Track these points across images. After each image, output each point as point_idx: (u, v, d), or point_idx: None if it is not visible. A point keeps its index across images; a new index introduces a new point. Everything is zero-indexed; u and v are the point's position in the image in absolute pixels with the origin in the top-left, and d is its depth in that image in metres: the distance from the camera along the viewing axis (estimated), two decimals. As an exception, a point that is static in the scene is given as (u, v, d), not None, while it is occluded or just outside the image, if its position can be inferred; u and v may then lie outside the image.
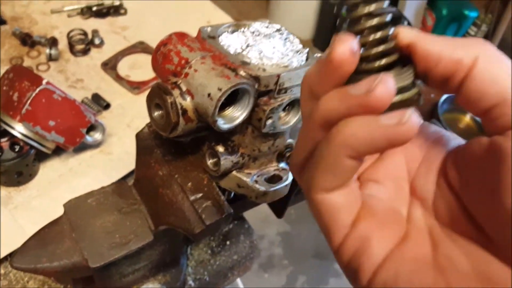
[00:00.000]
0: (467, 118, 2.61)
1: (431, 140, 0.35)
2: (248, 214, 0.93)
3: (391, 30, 0.31)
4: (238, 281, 0.97)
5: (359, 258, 0.31)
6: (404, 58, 0.31)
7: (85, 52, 1.15)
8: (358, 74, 0.29)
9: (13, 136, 0.83)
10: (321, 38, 3.02)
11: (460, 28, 2.97)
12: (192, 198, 0.59)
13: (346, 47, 0.28)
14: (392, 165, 0.36)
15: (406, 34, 0.30)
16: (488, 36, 2.92)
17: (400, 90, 0.29)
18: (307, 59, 0.56)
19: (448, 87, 0.29)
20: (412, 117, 0.26)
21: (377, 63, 0.30)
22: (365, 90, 0.27)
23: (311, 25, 3.08)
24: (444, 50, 0.28)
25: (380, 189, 0.35)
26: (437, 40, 0.29)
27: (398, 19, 0.31)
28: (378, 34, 0.30)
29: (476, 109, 0.29)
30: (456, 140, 0.35)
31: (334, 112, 0.28)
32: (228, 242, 0.88)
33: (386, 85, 0.27)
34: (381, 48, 0.30)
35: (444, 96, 2.48)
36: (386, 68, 0.30)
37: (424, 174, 0.34)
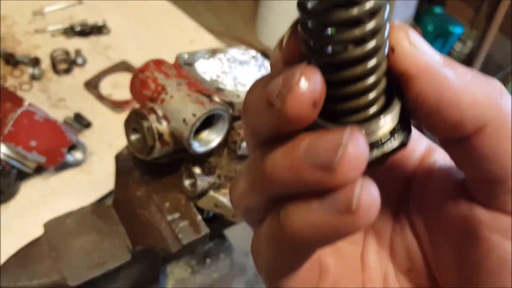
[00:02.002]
0: None
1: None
2: (234, 231, 0.94)
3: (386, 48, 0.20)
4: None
5: None
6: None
7: (67, 71, 1.16)
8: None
9: (-6, 156, 0.84)
10: (305, 55, 3.07)
11: (446, 44, 3.03)
12: (169, 218, 0.61)
13: (307, 97, 0.18)
14: None
15: (410, 54, 0.20)
16: (474, 52, 2.99)
17: (378, 142, 0.20)
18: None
19: (441, 134, 0.22)
20: (365, 197, 0.18)
21: (353, 118, 0.21)
22: (323, 161, 0.18)
23: (296, 41, 3.12)
24: (452, 101, 0.20)
25: None
26: (448, 81, 0.20)
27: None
28: (368, 75, 0.20)
29: (468, 173, 0.23)
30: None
31: (282, 185, 0.20)
32: (208, 260, 0.90)
33: (357, 153, 0.18)
34: (370, 96, 0.20)
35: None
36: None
37: (382, 203, 0.27)
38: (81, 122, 1.04)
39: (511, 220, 0.22)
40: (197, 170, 0.60)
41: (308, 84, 0.18)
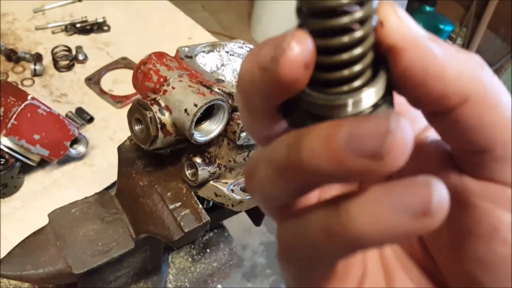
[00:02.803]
0: None
1: None
2: (231, 224, 0.96)
3: (374, 20, 0.20)
4: (219, 287, 1.01)
5: None
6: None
7: (69, 67, 1.18)
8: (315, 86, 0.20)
9: (-2, 150, 0.86)
10: (302, 52, 3.09)
11: (436, 42, 3.06)
12: (171, 207, 0.63)
13: (299, 59, 0.19)
14: None
15: (397, 28, 0.20)
16: (464, 49, 3.02)
17: (361, 114, 0.20)
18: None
19: (426, 107, 0.22)
20: (442, 199, 0.18)
21: (350, 86, 0.20)
22: (373, 148, 0.17)
23: (292, 39, 3.14)
24: (438, 73, 0.20)
25: None
26: (434, 54, 0.20)
27: None
28: (356, 43, 0.20)
29: (455, 145, 0.24)
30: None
31: (321, 176, 0.19)
32: (208, 250, 0.92)
33: (406, 139, 0.17)
34: (356, 68, 0.20)
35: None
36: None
37: None
38: (83, 116, 1.05)
39: (500, 188, 0.22)
40: (198, 160, 0.62)
41: (300, 46, 0.19)
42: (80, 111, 1.07)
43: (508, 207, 0.22)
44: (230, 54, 0.61)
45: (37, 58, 1.15)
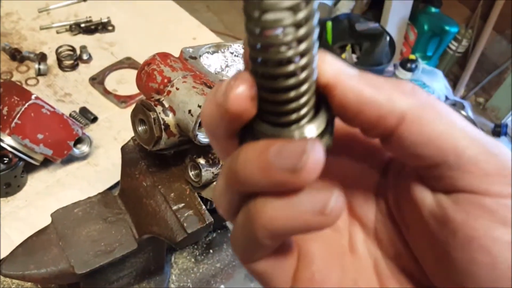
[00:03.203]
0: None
1: (370, 149, 0.30)
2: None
3: (315, 61, 0.23)
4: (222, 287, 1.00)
5: None
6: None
7: (73, 67, 1.18)
8: (264, 115, 0.24)
9: (2, 149, 0.86)
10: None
11: (441, 43, 3.05)
12: (174, 207, 0.63)
13: (244, 93, 0.23)
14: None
15: (327, 70, 0.24)
16: (469, 50, 3.01)
17: None
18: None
19: (373, 133, 0.25)
20: (337, 205, 0.22)
21: (293, 116, 0.24)
22: (292, 165, 0.22)
23: (297, 40, 3.13)
24: (369, 99, 0.23)
25: None
26: (362, 85, 0.24)
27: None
28: (301, 78, 0.23)
29: (412, 164, 0.26)
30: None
31: (252, 184, 0.23)
32: (211, 251, 0.92)
33: (317, 159, 0.22)
34: (303, 100, 0.23)
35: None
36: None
37: (362, 194, 0.31)
38: (87, 116, 1.05)
39: (468, 196, 0.24)
40: (201, 161, 0.62)
41: (244, 84, 0.23)
42: (84, 111, 1.07)
43: (479, 215, 0.23)
44: (235, 55, 0.61)
45: (42, 57, 1.15)
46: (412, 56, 2.76)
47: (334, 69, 0.24)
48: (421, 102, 0.24)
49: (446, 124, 0.24)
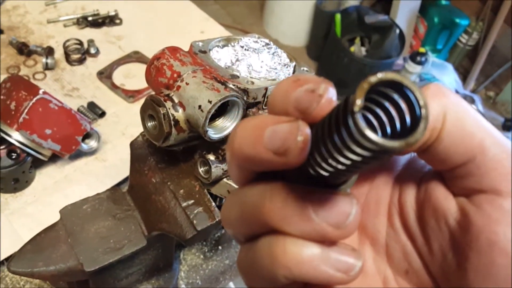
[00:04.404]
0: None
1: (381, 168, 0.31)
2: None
3: None
4: (231, 284, 1.00)
5: None
6: None
7: (80, 61, 1.17)
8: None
9: (10, 144, 0.85)
10: (315, 46, 3.06)
11: (452, 36, 3.01)
12: (184, 204, 0.62)
13: (305, 148, 0.23)
14: None
15: None
16: (479, 43, 2.97)
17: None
18: (294, 72, 0.59)
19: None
20: (359, 269, 0.25)
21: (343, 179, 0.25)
22: (335, 222, 0.24)
23: (305, 32, 3.12)
24: None
25: None
26: None
27: None
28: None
29: (440, 167, 0.27)
30: (416, 171, 0.30)
31: (287, 227, 0.25)
32: (220, 247, 0.91)
33: (356, 219, 0.24)
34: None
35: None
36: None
37: (373, 209, 0.31)
38: (95, 111, 1.05)
39: (490, 198, 0.24)
40: (211, 157, 0.61)
41: (305, 136, 0.23)
42: (92, 106, 1.06)
43: (500, 218, 0.24)
44: (245, 49, 0.60)
45: (49, 51, 1.15)
46: (422, 49, 2.73)
47: None
48: (450, 102, 0.25)
49: (473, 123, 0.25)
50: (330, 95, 0.23)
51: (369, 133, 0.20)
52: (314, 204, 0.24)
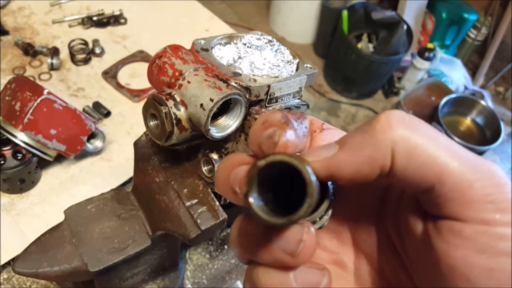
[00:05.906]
0: (467, 121, 2.62)
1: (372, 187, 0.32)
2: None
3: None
4: (238, 283, 0.99)
5: None
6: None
7: (86, 61, 1.17)
8: None
9: (15, 145, 0.85)
10: (322, 43, 3.05)
11: (460, 31, 2.98)
12: (188, 204, 0.61)
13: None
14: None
15: (321, 167, 0.27)
16: (488, 38, 2.94)
17: (317, 220, 0.30)
18: (297, 69, 0.58)
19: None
20: (324, 283, 0.28)
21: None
22: (291, 249, 0.27)
23: (312, 30, 3.10)
24: (357, 170, 0.26)
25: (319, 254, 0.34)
26: (347, 160, 0.26)
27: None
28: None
29: (407, 190, 0.29)
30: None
31: (256, 257, 0.29)
32: (226, 247, 0.90)
33: (309, 245, 0.27)
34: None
35: (445, 99, 2.49)
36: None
37: (364, 226, 0.33)
38: (100, 111, 1.05)
39: (451, 224, 0.25)
40: (214, 156, 0.60)
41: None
42: (97, 106, 1.06)
43: (459, 243, 0.24)
44: (248, 46, 0.59)
45: (54, 52, 1.15)
46: (430, 45, 2.71)
47: (321, 159, 0.27)
48: (398, 136, 0.25)
49: (427, 155, 0.25)
50: (284, 139, 0.26)
51: (257, 211, 0.25)
52: (275, 235, 0.27)
